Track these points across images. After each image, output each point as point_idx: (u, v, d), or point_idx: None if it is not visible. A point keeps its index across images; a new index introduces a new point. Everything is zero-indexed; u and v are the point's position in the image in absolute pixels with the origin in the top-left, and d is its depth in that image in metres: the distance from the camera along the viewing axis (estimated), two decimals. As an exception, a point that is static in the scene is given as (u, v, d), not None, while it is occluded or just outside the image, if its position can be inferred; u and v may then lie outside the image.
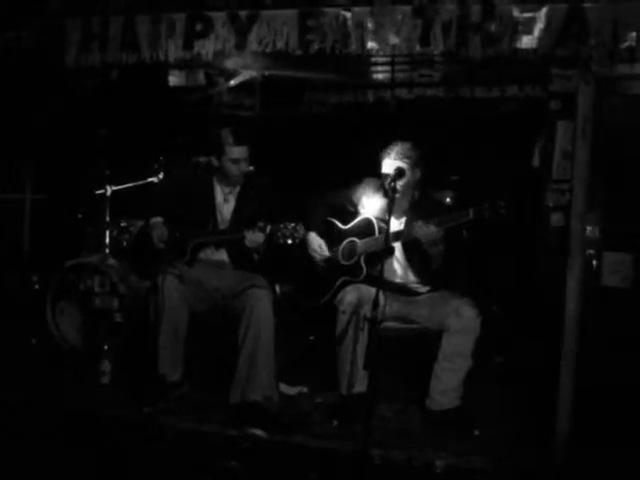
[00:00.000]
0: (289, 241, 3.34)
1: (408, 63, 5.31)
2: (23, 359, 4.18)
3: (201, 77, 5.57)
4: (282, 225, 3.36)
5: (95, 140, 5.06)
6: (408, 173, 3.51)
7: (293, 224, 3.36)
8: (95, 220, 4.71)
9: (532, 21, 3.05)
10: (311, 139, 5.54)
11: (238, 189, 3.87)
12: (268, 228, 3.42)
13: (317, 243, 3.73)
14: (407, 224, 3.53)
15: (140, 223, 4.59)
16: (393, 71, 5.44)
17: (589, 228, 3.15)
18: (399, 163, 3.48)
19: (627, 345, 3.09)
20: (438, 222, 3.32)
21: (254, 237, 3.53)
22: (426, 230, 3.34)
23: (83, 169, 4.99)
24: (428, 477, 3.00)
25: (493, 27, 3.09)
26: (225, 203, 3.87)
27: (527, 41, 3.07)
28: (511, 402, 3.71)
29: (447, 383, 3.41)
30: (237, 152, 3.71)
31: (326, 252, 3.73)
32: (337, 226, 3.82)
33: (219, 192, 3.87)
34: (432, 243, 3.39)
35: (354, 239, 3.71)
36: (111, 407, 3.50)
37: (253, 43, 3.38)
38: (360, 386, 3.43)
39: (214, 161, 3.77)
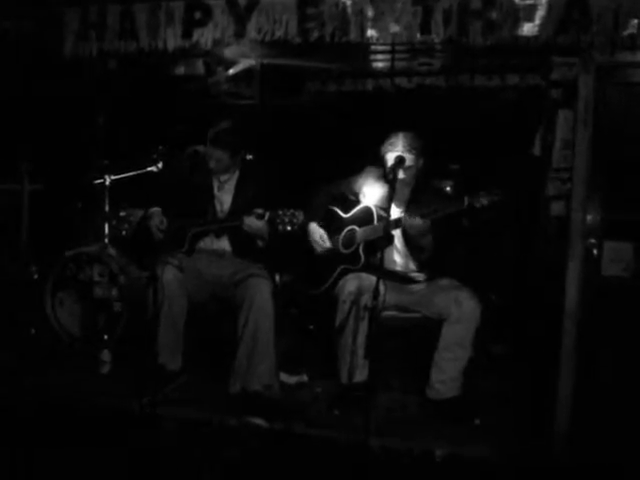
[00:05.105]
0: (288, 228, 3.32)
1: (408, 51, 5.27)
2: (22, 349, 4.18)
3: (200, 66, 5.54)
4: (280, 211, 3.34)
5: (94, 129, 5.04)
6: (413, 162, 3.50)
7: (291, 210, 3.34)
8: (94, 210, 4.69)
9: (533, 8, 3.03)
10: (310, 127, 5.51)
11: (236, 177, 3.86)
12: (267, 215, 3.41)
13: (318, 234, 3.74)
14: (406, 213, 3.53)
15: (140, 213, 4.58)
16: (393, 59, 5.41)
17: (590, 217, 3.14)
18: (405, 153, 3.47)
19: (627, 336, 3.08)
20: (422, 214, 3.33)
21: (252, 223, 3.53)
22: (410, 222, 3.36)
23: (82, 159, 4.97)
24: (428, 466, 3.01)
25: (494, 14, 3.07)
26: (222, 192, 3.86)
27: (528, 28, 3.04)
28: (511, 391, 3.71)
29: (447, 372, 3.42)
30: (210, 152, 3.74)
31: (327, 243, 3.72)
32: (338, 214, 3.82)
33: (215, 181, 3.87)
34: (419, 235, 3.40)
35: (354, 227, 3.70)
36: (110, 397, 3.51)
37: (252, 31, 3.36)
38: (360, 375, 3.43)
39: (202, 149, 3.79)
